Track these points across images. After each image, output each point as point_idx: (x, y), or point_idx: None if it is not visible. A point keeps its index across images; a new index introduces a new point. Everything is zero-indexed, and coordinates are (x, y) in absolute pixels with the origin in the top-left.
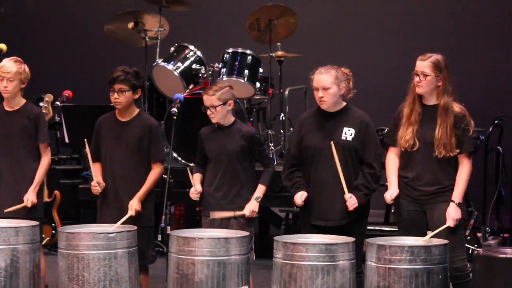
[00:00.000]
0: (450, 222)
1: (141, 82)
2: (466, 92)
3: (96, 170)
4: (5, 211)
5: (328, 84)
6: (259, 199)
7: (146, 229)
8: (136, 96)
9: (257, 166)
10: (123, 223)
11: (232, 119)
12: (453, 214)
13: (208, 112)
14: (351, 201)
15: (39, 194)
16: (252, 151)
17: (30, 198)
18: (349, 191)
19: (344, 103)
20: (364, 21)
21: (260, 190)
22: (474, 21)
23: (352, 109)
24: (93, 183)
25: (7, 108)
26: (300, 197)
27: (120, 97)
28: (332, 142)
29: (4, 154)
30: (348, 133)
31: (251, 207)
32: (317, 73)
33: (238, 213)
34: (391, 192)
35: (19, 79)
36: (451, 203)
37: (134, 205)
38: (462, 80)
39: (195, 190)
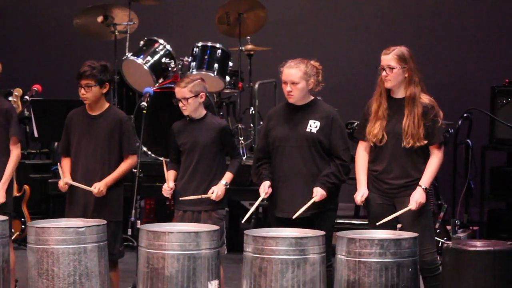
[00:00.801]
0: (412, 205)
1: (109, 76)
2: (435, 86)
3: (64, 168)
4: None
5: (297, 79)
6: (227, 185)
7: (113, 224)
8: (104, 90)
9: (226, 160)
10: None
11: (204, 112)
12: (416, 197)
13: (180, 104)
14: (318, 195)
15: (9, 189)
16: (223, 143)
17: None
18: (317, 179)
19: (312, 97)
20: (334, 14)
21: (228, 176)
22: (443, 15)
23: (320, 103)
24: (61, 183)
25: None
26: (262, 187)
27: (87, 92)
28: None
29: None
30: (313, 126)
31: (217, 190)
32: (287, 67)
33: (204, 196)
34: (361, 193)
35: None
36: (418, 187)
37: (98, 185)
38: (431, 74)
39: (168, 187)
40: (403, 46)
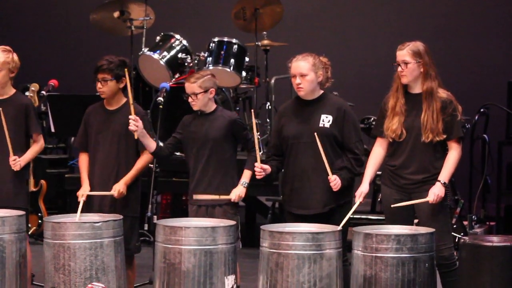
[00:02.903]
0: (430, 197)
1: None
2: (452, 81)
3: (82, 169)
4: None
5: (305, 70)
6: (246, 184)
7: (130, 219)
8: (121, 85)
9: (240, 155)
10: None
11: (214, 106)
12: (435, 190)
13: (190, 99)
14: (336, 182)
15: (22, 182)
16: (235, 136)
17: (18, 159)
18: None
19: (322, 91)
20: (350, 10)
21: (247, 175)
22: (459, 10)
23: (329, 96)
24: (79, 193)
25: None
26: (259, 165)
27: (104, 86)
28: (316, 134)
29: None
30: (326, 120)
31: (238, 192)
32: (295, 60)
33: (223, 197)
34: (361, 190)
35: (8, 68)
36: (437, 182)
37: (118, 187)
38: (447, 69)
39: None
40: (418, 41)
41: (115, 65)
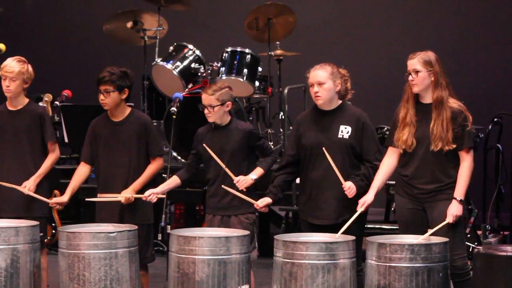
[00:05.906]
0: (449, 218)
1: (128, 82)
2: (465, 90)
3: (71, 186)
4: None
5: (323, 79)
6: (254, 178)
7: (145, 227)
8: (124, 96)
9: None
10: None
11: (229, 118)
12: (453, 210)
13: (206, 111)
14: (351, 190)
15: (42, 189)
16: (252, 146)
17: (28, 184)
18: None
19: (340, 101)
20: (363, 19)
21: (257, 171)
22: (473, 19)
23: (348, 106)
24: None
25: (10, 108)
26: (261, 201)
27: (106, 98)
28: (324, 148)
29: (8, 155)
30: (344, 131)
31: (243, 178)
32: (313, 70)
33: (231, 174)
34: (365, 199)
35: (22, 79)
36: (453, 200)
37: (126, 194)
38: (461, 78)
39: (153, 192)
40: (429, 51)
41: (117, 76)
